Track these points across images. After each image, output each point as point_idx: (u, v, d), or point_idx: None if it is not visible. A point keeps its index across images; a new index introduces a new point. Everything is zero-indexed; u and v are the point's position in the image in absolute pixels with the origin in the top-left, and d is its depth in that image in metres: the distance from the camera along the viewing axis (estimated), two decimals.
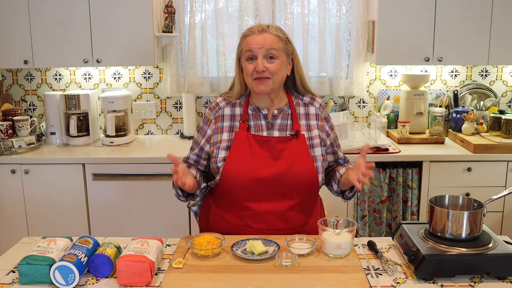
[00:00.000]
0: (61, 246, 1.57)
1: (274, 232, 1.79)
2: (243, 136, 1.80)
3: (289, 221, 1.81)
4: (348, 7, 3.33)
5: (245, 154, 1.78)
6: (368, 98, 3.52)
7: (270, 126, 1.84)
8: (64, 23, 3.09)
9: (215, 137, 1.85)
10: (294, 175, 1.76)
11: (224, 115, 1.86)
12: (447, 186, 2.95)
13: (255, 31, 1.78)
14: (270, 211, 1.78)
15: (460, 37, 3.09)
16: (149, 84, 3.53)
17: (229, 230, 1.83)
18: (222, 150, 1.81)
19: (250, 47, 1.76)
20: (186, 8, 3.34)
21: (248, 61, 1.78)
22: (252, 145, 1.79)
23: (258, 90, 1.78)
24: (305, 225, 1.86)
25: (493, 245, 1.53)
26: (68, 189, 3.00)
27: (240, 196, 1.79)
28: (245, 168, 1.76)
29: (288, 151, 1.79)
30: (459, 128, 3.23)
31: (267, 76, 1.76)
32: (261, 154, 1.78)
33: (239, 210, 1.81)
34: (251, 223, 1.80)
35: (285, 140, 1.81)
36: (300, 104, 1.90)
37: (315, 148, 1.83)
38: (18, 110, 3.28)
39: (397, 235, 1.70)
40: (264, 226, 1.80)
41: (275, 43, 1.77)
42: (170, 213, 3.01)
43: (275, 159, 1.78)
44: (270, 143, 1.80)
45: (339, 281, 1.46)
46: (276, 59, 1.77)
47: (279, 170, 1.76)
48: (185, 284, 1.46)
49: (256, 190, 1.77)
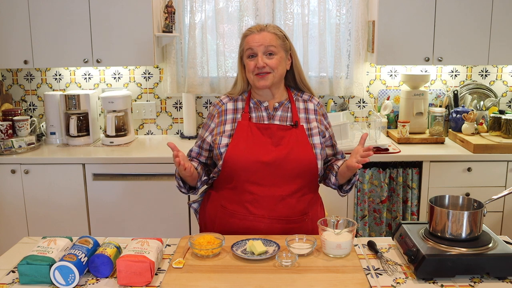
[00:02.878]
0: (61, 246, 1.57)
1: (275, 219, 1.82)
2: (245, 125, 1.89)
3: (289, 207, 1.84)
4: (348, 7, 3.34)
5: (247, 140, 1.85)
6: (368, 98, 3.52)
7: (271, 117, 1.92)
8: (64, 23, 3.09)
9: (218, 128, 1.93)
10: (294, 160, 1.83)
11: (227, 109, 1.95)
12: (447, 186, 2.95)
13: (254, 31, 1.90)
14: (271, 196, 1.82)
15: (460, 37, 3.10)
16: (149, 84, 3.53)
17: (229, 219, 1.86)
18: (225, 137, 1.88)
19: (250, 45, 1.87)
20: (186, 8, 3.34)
21: (249, 59, 1.89)
22: (253, 132, 1.87)
23: (260, 85, 1.88)
24: (305, 215, 1.88)
25: (493, 245, 1.53)
26: (68, 189, 3.00)
27: (241, 180, 1.83)
28: (246, 152, 1.83)
29: (288, 139, 1.86)
30: (459, 128, 3.23)
31: (267, 71, 1.86)
32: (263, 140, 1.86)
33: (240, 195, 1.85)
34: (252, 209, 1.83)
35: (285, 128, 1.89)
36: (300, 100, 1.99)
37: (314, 137, 1.90)
38: (18, 110, 3.28)
39: (397, 235, 1.70)
40: (265, 213, 1.82)
41: (273, 40, 1.88)
42: (170, 213, 3.01)
43: (275, 145, 1.85)
44: (271, 130, 1.88)
45: (339, 281, 1.46)
46: (275, 55, 1.88)
47: (279, 155, 1.83)
48: (185, 284, 1.46)
49: (257, 173, 1.82)
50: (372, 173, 2.98)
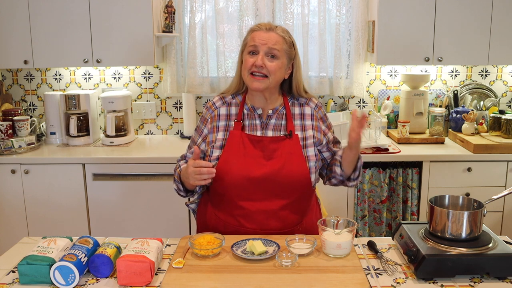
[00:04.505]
0: (61, 246, 1.57)
1: (267, 232, 1.79)
2: (237, 135, 1.82)
3: (282, 221, 1.81)
4: (348, 7, 3.34)
5: (238, 154, 1.80)
6: (368, 98, 3.52)
7: (264, 125, 1.86)
8: (64, 23, 3.09)
9: (211, 136, 1.87)
10: (286, 175, 1.78)
11: (220, 114, 1.89)
12: (447, 186, 2.95)
13: (263, 28, 1.81)
14: (263, 210, 1.79)
15: (460, 37, 3.10)
16: (149, 84, 3.53)
17: (223, 229, 1.83)
18: (216, 149, 1.83)
19: (255, 42, 1.78)
20: (186, 8, 3.34)
21: (249, 55, 1.80)
22: (245, 144, 1.81)
23: (253, 87, 1.79)
24: (299, 224, 1.86)
25: (493, 245, 1.53)
26: (68, 189, 3.00)
27: (232, 195, 1.80)
28: (237, 167, 1.78)
29: (281, 151, 1.80)
30: (459, 128, 3.23)
31: (264, 74, 1.78)
32: (254, 153, 1.80)
33: (232, 209, 1.82)
34: (244, 222, 1.81)
35: (278, 140, 1.82)
36: (296, 105, 1.91)
37: (308, 148, 1.84)
38: (18, 110, 3.28)
39: (397, 235, 1.70)
40: (257, 226, 1.80)
41: (279, 43, 1.79)
42: (170, 213, 3.01)
43: (267, 159, 1.80)
44: (263, 143, 1.82)
45: (339, 281, 1.46)
46: (276, 59, 1.79)
47: (271, 170, 1.78)
48: (185, 284, 1.46)
49: (248, 189, 1.78)
50: (372, 173, 2.98)
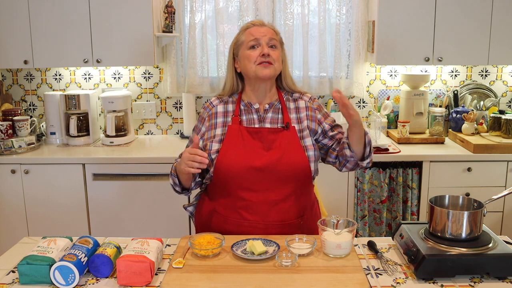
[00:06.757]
0: (61, 246, 1.57)
1: (270, 224, 1.80)
2: (235, 129, 1.86)
3: (283, 213, 1.82)
4: (348, 7, 3.34)
5: (238, 145, 1.83)
6: (368, 98, 3.52)
7: (261, 119, 1.90)
8: (64, 23, 3.10)
9: (209, 133, 1.90)
10: (286, 164, 1.80)
11: (217, 112, 1.93)
12: (447, 186, 2.95)
13: (257, 24, 1.92)
14: (264, 201, 1.80)
15: (460, 37, 3.10)
16: (149, 84, 3.53)
17: (224, 224, 1.84)
18: (216, 143, 1.86)
19: (255, 36, 1.86)
20: (186, 8, 3.34)
21: (250, 50, 1.86)
22: (244, 136, 1.84)
23: (263, 75, 1.84)
24: (301, 217, 1.86)
25: (493, 245, 1.53)
26: (68, 189, 3.00)
27: (234, 186, 1.81)
28: (238, 158, 1.80)
29: (279, 142, 1.84)
30: (459, 128, 3.23)
31: (271, 62, 1.85)
32: (253, 144, 1.83)
33: (233, 201, 1.83)
34: (245, 214, 1.82)
35: (276, 131, 1.86)
36: (290, 100, 1.96)
37: (305, 139, 1.87)
38: (18, 110, 3.28)
39: (397, 235, 1.70)
40: (258, 218, 1.81)
41: (275, 35, 1.91)
42: (170, 213, 3.01)
43: (267, 150, 1.83)
44: (261, 134, 1.85)
45: (339, 281, 1.46)
46: (276, 49, 1.88)
47: (271, 159, 1.80)
48: (185, 284, 1.46)
49: (249, 179, 1.80)
50: (372, 173, 2.98)
